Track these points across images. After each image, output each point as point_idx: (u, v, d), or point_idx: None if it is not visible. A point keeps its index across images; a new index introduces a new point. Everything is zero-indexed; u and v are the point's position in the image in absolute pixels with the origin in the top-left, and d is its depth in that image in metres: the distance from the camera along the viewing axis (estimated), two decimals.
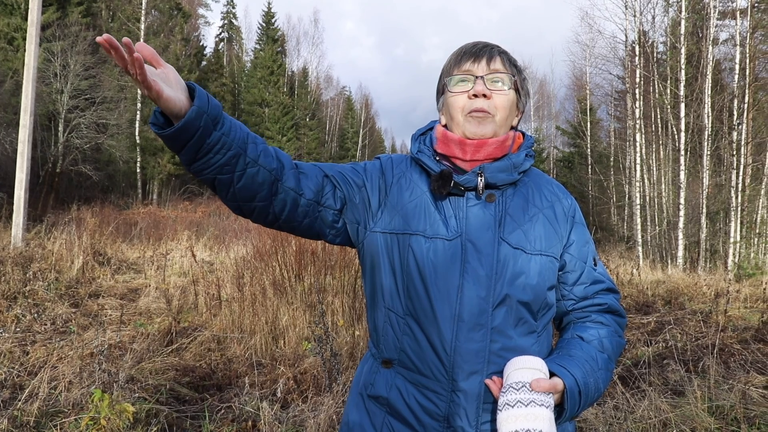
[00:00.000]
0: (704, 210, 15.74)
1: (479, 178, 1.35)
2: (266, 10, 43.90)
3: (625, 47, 19.73)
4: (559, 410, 1.27)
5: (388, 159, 1.52)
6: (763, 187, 16.43)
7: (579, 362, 1.31)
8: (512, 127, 1.47)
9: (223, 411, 4.01)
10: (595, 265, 1.48)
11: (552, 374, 1.26)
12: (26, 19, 17.68)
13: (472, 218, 1.35)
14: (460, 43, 1.50)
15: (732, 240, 15.18)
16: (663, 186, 19.36)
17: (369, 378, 1.46)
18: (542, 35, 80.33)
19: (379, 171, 1.47)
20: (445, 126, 1.47)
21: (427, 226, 1.36)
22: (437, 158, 1.42)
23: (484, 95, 1.37)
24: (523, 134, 1.50)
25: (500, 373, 1.29)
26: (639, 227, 18.23)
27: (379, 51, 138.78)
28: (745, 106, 15.86)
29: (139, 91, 29.15)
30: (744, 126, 16.07)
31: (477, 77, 1.39)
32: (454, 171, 1.38)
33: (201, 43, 39.68)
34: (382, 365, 1.42)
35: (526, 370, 1.22)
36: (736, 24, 16.30)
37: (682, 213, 15.63)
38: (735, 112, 16.02)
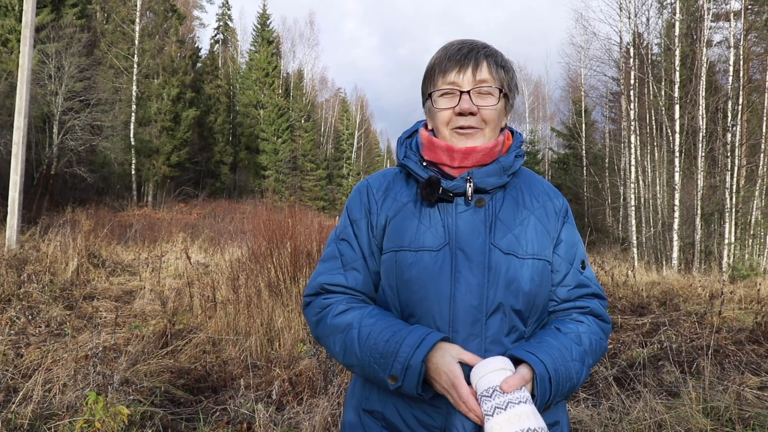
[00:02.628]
0: (699, 211, 15.78)
1: (468, 184, 1.32)
2: (261, 11, 43.91)
3: (620, 49, 19.79)
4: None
5: (364, 186, 1.48)
6: (758, 188, 16.47)
7: (549, 348, 1.26)
8: (502, 128, 1.44)
9: (218, 413, 4.00)
10: (583, 268, 1.44)
11: (521, 361, 1.23)
12: (20, 21, 17.63)
13: (461, 225, 1.32)
14: None
15: (726, 241, 15.23)
16: (658, 187, 19.39)
17: (364, 392, 1.43)
18: (547, 35, 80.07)
19: (361, 209, 1.45)
20: (431, 130, 1.44)
21: (412, 240, 1.33)
22: (424, 164, 1.39)
23: (471, 113, 1.34)
24: (512, 132, 1.47)
25: None
26: (634, 229, 18.28)
27: (382, 52, 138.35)
28: (739, 107, 15.94)
29: (134, 93, 29.13)
30: (738, 127, 16.14)
31: (462, 92, 1.34)
32: (441, 177, 1.35)
33: (196, 45, 39.63)
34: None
35: (492, 373, 1.18)
36: (730, 26, 16.38)
37: (676, 214, 15.67)
38: (729, 114, 16.08)
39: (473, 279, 1.29)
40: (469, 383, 1.22)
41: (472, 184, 1.32)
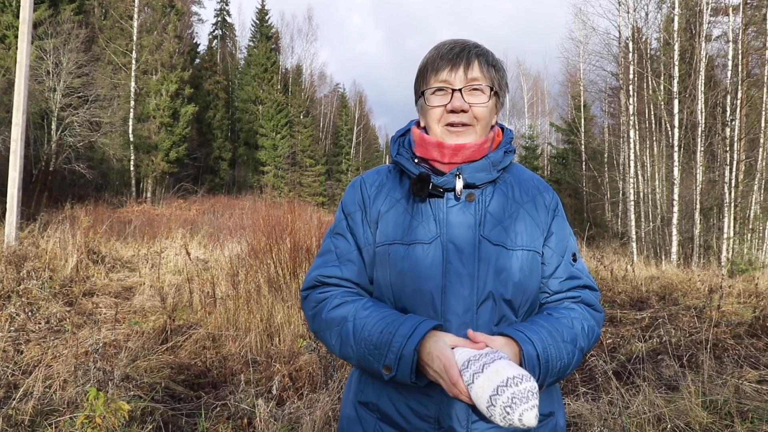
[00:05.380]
0: (698, 206, 15.78)
1: (457, 179, 1.35)
2: (260, 7, 43.82)
3: (619, 44, 19.77)
4: None
5: (359, 181, 1.51)
6: (756, 183, 16.45)
7: (538, 328, 1.29)
8: (492, 126, 1.47)
9: (218, 409, 4.01)
10: (575, 260, 1.47)
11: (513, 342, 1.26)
12: (18, 17, 17.59)
13: (452, 219, 1.35)
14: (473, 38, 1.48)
15: (725, 236, 15.23)
16: (657, 182, 19.39)
17: (359, 386, 1.46)
18: (556, 29, 79.51)
19: (355, 202, 1.48)
20: (423, 128, 1.46)
21: (404, 234, 1.36)
22: (416, 161, 1.42)
23: (463, 110, 1.37)
24: (503, 129, 1.50)
25: None
26: (633, 223, 18.28)
27: (388, 47, 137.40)
28: (738, 102, 15.91)
29: (132, 89, 29.08)
30: (737, 122, 16.11)
31: (454, 90, 1.37)
32: (432, 173, 1.38)
33: (194, 41, 39.55)
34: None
35: (466, 348, 1.21)
36: (729, 20, 16.35)
37: (675, 209, 15.68)
38: (728, 109, 16.06)
39: (464, 270, 1.32)
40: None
41: (461, 180, 1.36)
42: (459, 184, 1.35)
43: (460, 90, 1.37)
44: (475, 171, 1.36)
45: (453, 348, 1.23)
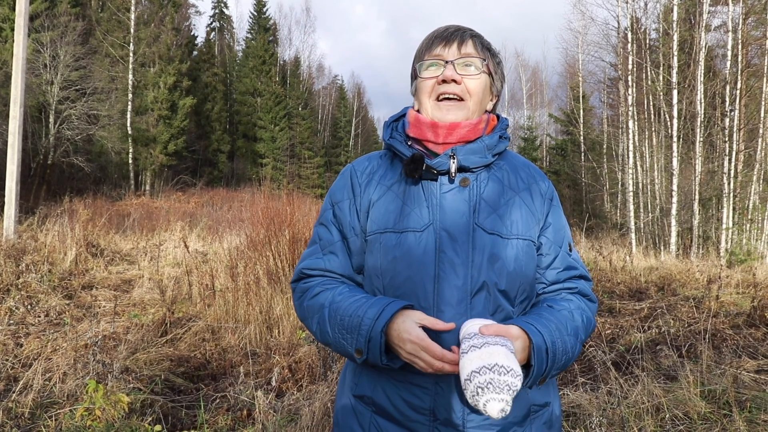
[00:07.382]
0: (697, 196, 15.79)
1: (451, 161, 1.33)
2: None
3: (618, 34, 19.70)
4: (527, 370, 1.24)
5: (349, 170, 1.51)
6: (755, 173, 16.45)
7: (546, 321, 1.29)
8: (487, 111, 1.46)
9: (218, 400, 4.02)
10: (570, 251, 1.46)
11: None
12: (14, 9, 17.48)
13: (446, 205, 1.34)
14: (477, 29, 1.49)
15: (724, 226, 15.24)
16: (656, 173, 19.38)
17: (354, 378, 1.45)
18: (559, 19, 78.79)
19: (344, 191, 1.47)
20: (418, 111, 1.46)
21: (396, 222, 1.35)
22: (409, 143, 1.41)
23: (454, 80, 1.36)
24: (498, 117, 1.49)
25: None
26: (632, 214, 18.29)
27: (391, 37, 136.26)
28: (738, 92, 15.87)
29: (130, 82, 28.98)
30: (736, 112, 16.09)
31: (447, 62, 1.37)
32: (426, 155, 1.37)
33: (192, 33, 39.35)
34: (366, 364, 1.40)
35: (475, 322, 1.21)
36: (729, 10, 16.28)
37: (674, 200, 15.68)
38: (727, 99, 16.03)
39: (457, 259, 1.30)
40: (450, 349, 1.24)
41: (455, 161, 1.34)
42: (453, 166, 1.33)
43: (452, 62, 1.38)
44: (469, 153, 1.34)
45: (423, 327, 1.22)
